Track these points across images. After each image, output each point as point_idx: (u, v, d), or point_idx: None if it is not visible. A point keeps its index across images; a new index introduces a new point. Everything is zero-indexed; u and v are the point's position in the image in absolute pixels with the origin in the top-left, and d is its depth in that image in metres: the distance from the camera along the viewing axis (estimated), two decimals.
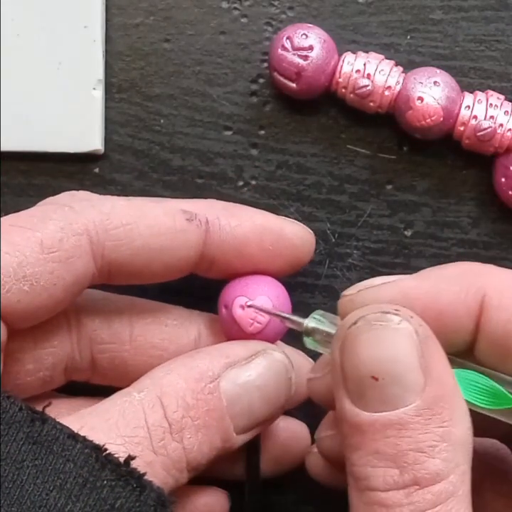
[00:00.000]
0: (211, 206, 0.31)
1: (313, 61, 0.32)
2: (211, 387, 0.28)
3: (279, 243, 0.31)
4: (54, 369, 0.31)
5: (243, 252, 0.30)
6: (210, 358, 0.29)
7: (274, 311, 0.29)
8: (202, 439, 0.27)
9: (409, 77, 0.32)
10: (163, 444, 0.26)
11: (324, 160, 0.35)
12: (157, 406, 0.27)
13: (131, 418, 0.26)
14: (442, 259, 0.34)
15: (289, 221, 0.31)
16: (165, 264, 0.29)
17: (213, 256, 0.30)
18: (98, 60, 0.34)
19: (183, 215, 0.29)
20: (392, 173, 0.34)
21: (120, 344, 0.31)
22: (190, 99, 0.35)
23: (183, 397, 0.27)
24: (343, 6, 0.34)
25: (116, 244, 0.28)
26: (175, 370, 0.28)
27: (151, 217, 0.29)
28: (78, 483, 0.24)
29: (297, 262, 0.31)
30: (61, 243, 0.27)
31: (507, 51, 0.34)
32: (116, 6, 0.34)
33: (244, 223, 0.30)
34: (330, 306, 0.34)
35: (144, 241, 0.29)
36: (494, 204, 0.34)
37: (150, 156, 0.35)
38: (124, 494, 0.24)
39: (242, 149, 0.35)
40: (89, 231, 0.28)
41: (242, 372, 0.28)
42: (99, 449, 0.25)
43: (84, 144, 0.34)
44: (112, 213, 0.29)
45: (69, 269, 0.28)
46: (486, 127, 0.32)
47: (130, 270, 0.29)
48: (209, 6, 0.34)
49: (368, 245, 0.35)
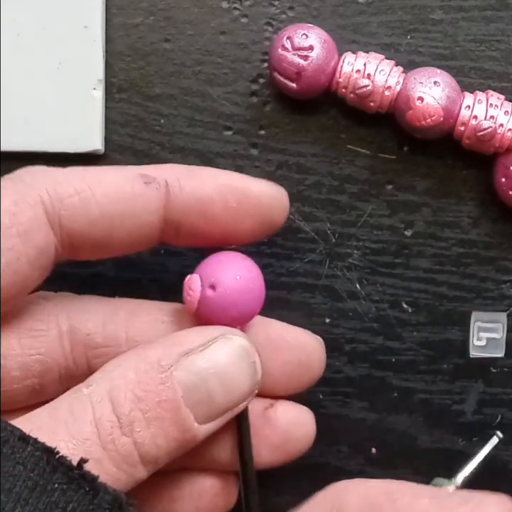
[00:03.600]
0: (172, 169, 0.30)
1: (313, 61, 0.32)
2: (163, 377, 0.27)
3: (244, 201, 0.29)
4: (43, 377, 0.30)
5: (207, 214, 0.29)
6: (163, 347, 0.28)
7: None
8: (155, 431, 0.26)
9: (409, 77, 0.32)
10: (112, 438, 0.26)
11: (324, 160, 0.35)
12: (105, 400, 0.26)
13: (78, 414, 0.26)
14: (442, 259, 0.34)
15: (257, 179, 0.30)
16: (127, 231, 0.29)
17: (177, 220, 0.29)
18: (98, 60, 0.34)
19: (140, 179, 0.28)
20: (392, 173, 0.34)
21: (116, 347, 0.30)
22: (190, 99, 0.35)
23: (132, 390, 0.26)
24: (343, 6, 0.34)
25: (73, 213, 0.28)
26: (125, 361, 0.27)
27: (107, 183, 0.28)
28: (28, 487, 0.23)
29: (268, 222, 0.30)
30: (16, 217, 0.27)
31: (507, 51, 0.34)
32: (116, 6, 0.34)
33: (206, 184, 0.29)
34: (330, 306, 0.35)
35: (101, 208, 0.28)
36: (494, 204, 0.34)
37: (150, 156, 0.35)
38: (76, 498, 0.24)
39: (242, 149, 0.35)
40: (43, 202, 0.27)
41: (198, 360, 0.27)
42: (51, 451, 0.24)
43: (84, 143, 0.34)
44: (65, 181, 0.28)
45: (29, 242, 0.27)
46: (486, 127, 0.32)
47: (91, 240, 0.28)
48: (209, 6, 0.34)
49: (368, 245, 0.35)
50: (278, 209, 0.30)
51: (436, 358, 0.35)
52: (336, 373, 0.35)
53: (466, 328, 0.35)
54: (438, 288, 0.35)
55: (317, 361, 0.32)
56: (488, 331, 0.35)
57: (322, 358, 0.32)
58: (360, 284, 0.35)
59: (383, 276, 0.35)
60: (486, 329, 0.35)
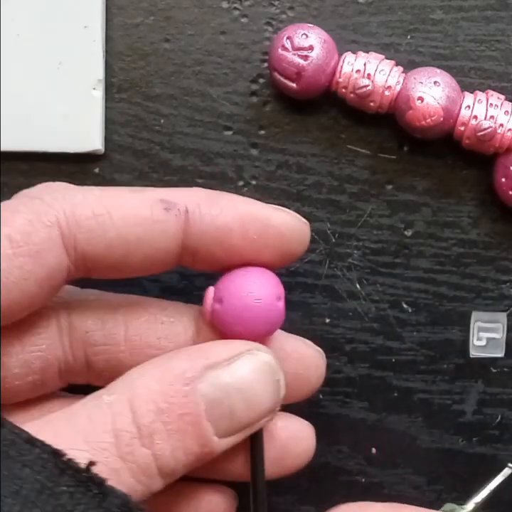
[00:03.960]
0: (193, 194, 0.29)
1: (313, 61, 0.32)
2: (187, 389, 0.26)
3: (264, 232, 0.29)
4: (44, 373, 0.30)
5: (225, 243, 0.29)
6: (189, 359, 0.27)
7: None
8: (175, 444, 0.26)
9: (409, 77, 0.32)
10: (131, 450, 0.25)
11: (324, 160, 0.35)
12: (126, 410, 0.26)
13: (98, 423, 0.25)
14: (442, 259, 0.34)
15: (277, 209, 0.29)
16: (144, 256, 0.28)
17: (195, 247, 0.29)
18: (98, 60, 0.34)
19: (160, 204, 0.28)
20: (392, 173, 0.34)
21: (115, 345, 0.30)
22: (190, 99, 0.35)
23: (155, 401, 0.26)
24: (343, 6, 0.34)
25: (89, 236, 0.27)
26: (150, 371, 0.27)
27: (125, 207, 0.28)
28: (35, 489, 0.23)
29: (288, 253, 0.30)
30: (29, 237, 0.27)
31: (507, 51, 0.34)
32: (116, 6, 0.34)
33: (227, 211, 0.29)
34: (330, 306, 0.35)
35: (118, 232, 0.27)
36: (494, 204, 0.34)
37: (150, 156, 0.35)
38: (84, 501, 0.23)
39: (242, 149, 0.35)
40: (59, 223, 0.27)
41: (223, 374, 0.27)
42: (59, 454, 0.24)
43: (84, 144, 0.34)
44: (82, 204, 0.27)
45: (39, 262, 0.27)
46: (486, 127, 0.32)
47: (107, 263, 0.28)
48: (209, 6, 0.34)
49: (368, 245, 0.35)
50: (299, 240, 0.30)
51: (436, 358, 0.35)
52: (335, 373, 0.35)
53: (466, 328, 0.35)
54: (438, 288, 0.35)
55: (315, 375, 0.31)
56: (488, 331, 0.35)
57: (321, 372, 0.31)
58: (360, 284, 0.35)
59: (383, 276, 0.35)
60: (486, 329, 0.35)
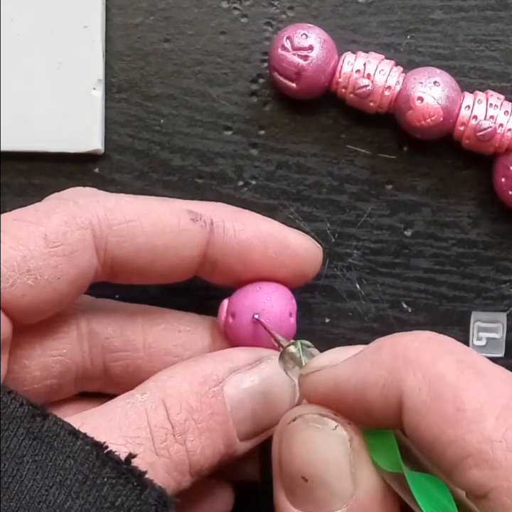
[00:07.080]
0: (217, 208, 0.31)
1: (313, 61, 0.32)
2: (215, 390, 0.28)
3: (282, 252, 0.31)
4: (62, 377, 0.30)
5: (245, 258, 0.30)
6: (214, 362, 0.29)
7: (270, 330, 0.29)
8: (205, 442, 0.27)
9: (409, 77, 0.32)
10: (166, 445, 0.26)
11: (324, 160, 0.35)
12: (160, 408, 0.27)
13: (133, 419, 0.26)
14: (442, 259, 0.34)
15: (295, 231, 0.31)
16: (168, 263, 0.29)
17: (216, 259, 0.30)
18: (98, 60, 0.34)
19: (188, 214, 0.29)
20: (392, 173, 0.34)
21: (134, 352, 0.31)
22: (190, 99, 0.35)
23: (187, 400, 0.27)
24: (343, 6, 0.34)
25: (119, 240, 0.29)
26: (179, 373, 0.28)
27: (155, 214, 0.29)
28: (78, 480, 0.24)
29: (301, 273, 0.31)
30: (65, 237, 0.27)
31: (507, 51, 0.34)
32: (116, 6, 0.34)
33: (249, 228, 0.30)
34: (330, 306, 0.35)
35: (147, 238, 0.29)
36: (494, 204, 0.34)
37: (150, 156, 0.35)
38: (125, 492, 0.24)
39: (242, 149, 0.35)
40: (92, 226, 0.28)
41: (246, 377, 0.29)
42: (100, 446, 0.25)
43: (84, 144, 0.34)
44: (115, 209, 0.29)
45: (73, 263, 0.28)
46: (486, 127, 0.32)
47: (133, 267, 0.29)
48: (209, 6, 0.34)
49: (367, 245, 0.35)
50: (312, 262, 0.31)
51: None
52: None
53: (466, 328, 0.35)
54: (438, 288, 0.35)
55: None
56: (488, 331, 0.35)
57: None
58: (360, 284, 0.35)
59: (383, 276, 0.35)
60: (485, 329, 0.35)
